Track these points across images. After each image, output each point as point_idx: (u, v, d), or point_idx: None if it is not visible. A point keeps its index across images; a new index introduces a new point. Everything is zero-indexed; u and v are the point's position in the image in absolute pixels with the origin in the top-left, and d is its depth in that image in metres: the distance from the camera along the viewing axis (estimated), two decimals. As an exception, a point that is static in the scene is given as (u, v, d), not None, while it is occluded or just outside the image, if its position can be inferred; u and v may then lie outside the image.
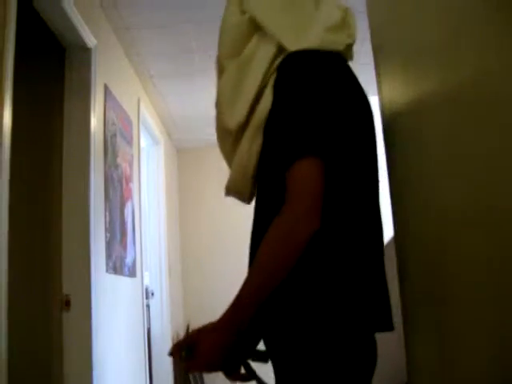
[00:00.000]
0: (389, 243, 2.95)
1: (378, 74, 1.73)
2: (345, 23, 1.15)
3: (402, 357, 1.67)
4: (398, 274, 1.61)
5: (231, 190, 1.18)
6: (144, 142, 4.39)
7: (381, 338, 1.22)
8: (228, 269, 5.03)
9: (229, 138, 1.11)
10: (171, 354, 1.04)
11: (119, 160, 3.22)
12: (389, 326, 1.09)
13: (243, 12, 1.11)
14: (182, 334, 5.02)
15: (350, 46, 1.18)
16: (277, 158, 0.99)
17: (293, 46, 1.05)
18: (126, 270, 3.23)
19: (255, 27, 1.09)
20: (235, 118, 1.07)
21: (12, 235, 1.85)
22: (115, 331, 2.96)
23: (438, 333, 1.27)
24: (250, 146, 1.07)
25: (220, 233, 5.42)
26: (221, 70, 1.15)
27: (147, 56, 3.68)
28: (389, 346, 2.79)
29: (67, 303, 2.45)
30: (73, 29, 2.53)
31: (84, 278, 2.48)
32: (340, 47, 1.13)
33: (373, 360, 1.09)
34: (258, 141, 1.07)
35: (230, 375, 1.08)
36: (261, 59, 1.06)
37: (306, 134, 0.97)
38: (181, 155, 5.81)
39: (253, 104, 1.06)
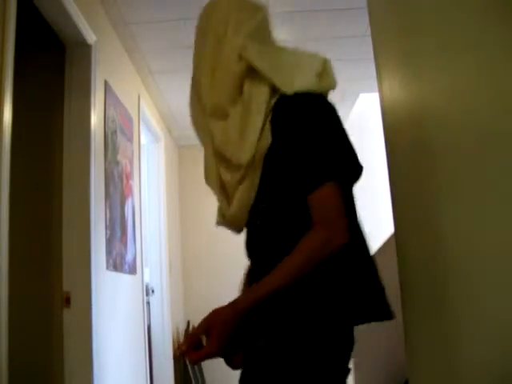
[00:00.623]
0: (389, 239, 2.95)
1: (379, 71, 1.73)
2: (325, 72, 1.26)
3: (402, 354, 1.67)
4: (399, 271, 1.61)
5: (229, 222, 1.32)
6: (144, 138, 4.38)
7: (381, 336, 1.22)
8: (228, 265, 5.03)
9: (237, 173, 1.22)
10: (180, 352, 1.14)
11: (119, 157, 3.21)
12: (387, 315, 1.17)
13: (240, 58, 1.22)
14: (182, 330, 5.02)
15: (329, 92, 1.30)
16: (301, 184, 1.14)
17: (289, 89, 1.18)
18: (127, 267, 3.23)
19: (247, 72, 1.22)
20: (247, 154, 1.18)
21: (12, 232, 1.84)
22: (115, 328, 2.96)
23: (438, 330, 1.27)
24: (254, 179, 1.21)
25: (220, 229, 5.40)
26: (223, 114, 1.24)
27: (147, 52, 3.67)
28: (389, 344, 2.79)
29: (67, 300, 2.45)
30: (73, 25, 2.53)
31: (84, 275, 2.48)
32: (325, 91, 1.25)
33: (351, 346, 1.18)
34: (258, 173, 1.20)
35: (229, 363, 1.19)
36: (259, 101, 1.19)
37: (327, 162, 1.13)
38: (181, 152, 5.80)
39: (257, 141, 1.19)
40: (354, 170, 1.18)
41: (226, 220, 1.31)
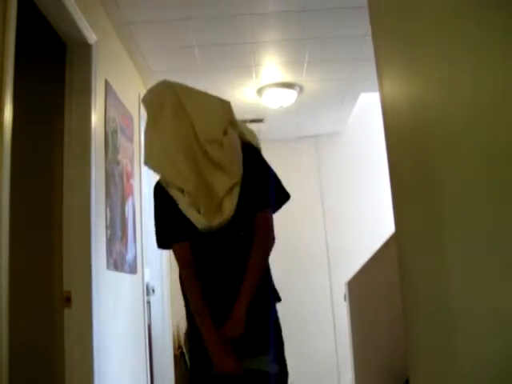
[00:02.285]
0: (392, 236, 2.93)
1: (379, 71, 1.73)
2: None
3: (402, 354, 1.67)
4: (399, 270, 1.61)
5: (225, 220, 1.73)
6: (145, 138, 4.38)
7: (381, 336, 1.22)
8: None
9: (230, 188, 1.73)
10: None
11: (120, 156, 3.21)
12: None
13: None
14: (182, 330, 5.03)
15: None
16: (257, 206, 1.75)
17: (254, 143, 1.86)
18: (127, 266, 3.23)
19: (230, 123, 1.82)
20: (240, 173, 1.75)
21: (13, 232, 1.85)
22: (116, 328, 2.96)
23: (438, 330, 1.27)
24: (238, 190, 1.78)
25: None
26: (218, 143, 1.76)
27: (148, 52, 3.68)
28: (389, 343, 2.79)
29: (68, 300, 2.45)
30: (73, 25, 2.53)
31: (85, 275, 2.48)
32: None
33: None
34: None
35: None
36: (238, 142, 1.80)
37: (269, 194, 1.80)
38: (182, 152, 5.80)
39: None
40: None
41: (224, 218, 1.71)
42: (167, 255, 4.66)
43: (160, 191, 1.82)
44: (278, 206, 1.82)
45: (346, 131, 5.71)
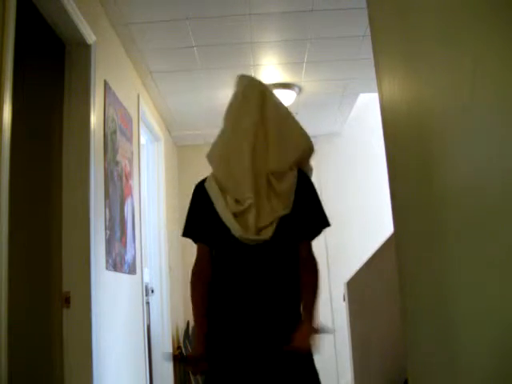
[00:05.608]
0: (389, 239, 2.93)
1: (378, 71, 1.73)
2: None
3: (401, 354, 1.67)
4: (398, 272, 1.61)
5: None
6: (144, 138, 4.38)
7: (381, 337, 1.22)
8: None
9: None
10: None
11: (119, 157, 3.21)
12: None
13: None
14: (181, 331, 5.02)
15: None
16: (307, 234, 1.91)
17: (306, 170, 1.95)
18: (126, 267, 3.23)
19: None
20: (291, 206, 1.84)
21: (12, 232, 1.84)
22: (115, 328, 2.96)
23: (437, 329, 1.27)
24: None
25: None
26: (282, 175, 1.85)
27: (147, 52, 3.67)
28: (388, 344, 2.79)
29: (67, 300, 2.45)
30: (72, 25, 2.53)
31: (84, 275, 2.48)
32: None
33: None
34: None
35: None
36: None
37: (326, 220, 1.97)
38: (181, 152, 5.80)
39: None
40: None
41: (261, 239, 1.77)
42: (166, 256, 4.66)
43: (201, 191, 1.92)
44: (318, 232, 1.93)
45: (345, 131, 5.71)
